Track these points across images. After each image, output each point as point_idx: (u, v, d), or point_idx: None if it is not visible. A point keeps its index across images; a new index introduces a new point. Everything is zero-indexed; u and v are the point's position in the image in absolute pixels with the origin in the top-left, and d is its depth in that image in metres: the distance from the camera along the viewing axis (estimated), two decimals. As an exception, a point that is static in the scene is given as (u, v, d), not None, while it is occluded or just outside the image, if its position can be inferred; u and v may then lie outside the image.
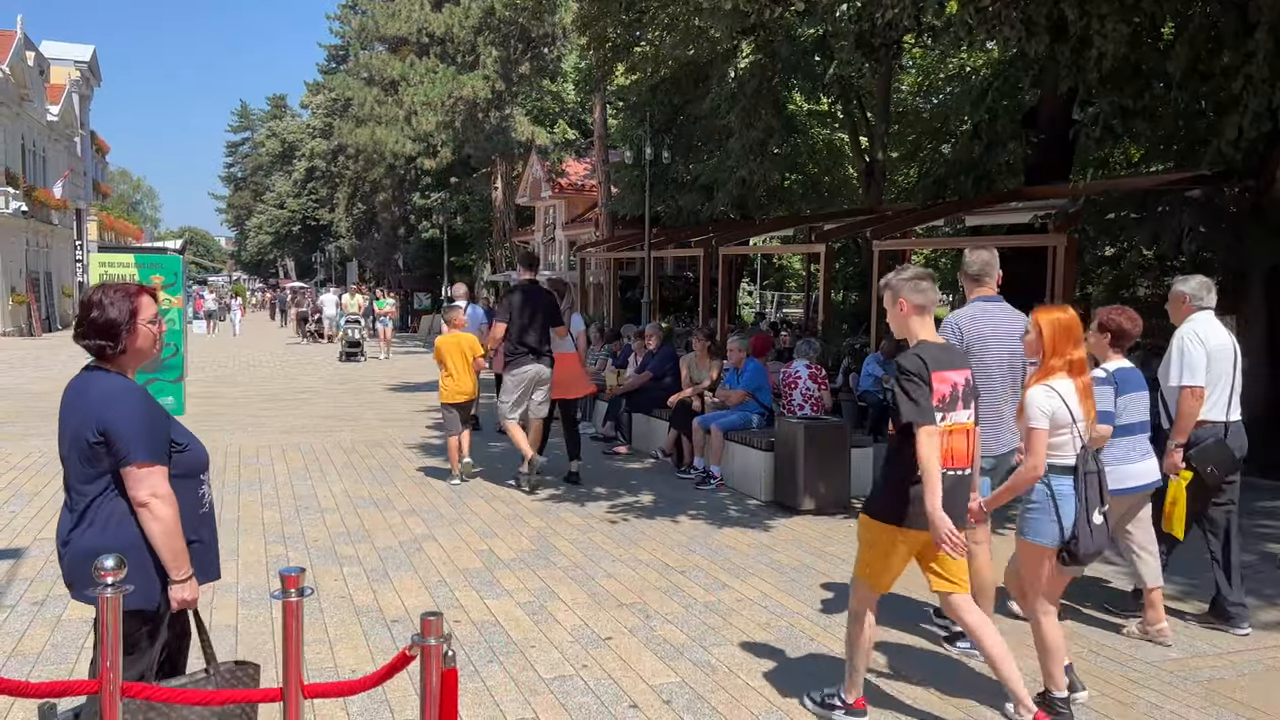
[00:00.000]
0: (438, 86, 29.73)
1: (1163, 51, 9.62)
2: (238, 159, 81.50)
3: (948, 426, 3.72)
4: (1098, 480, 3.87)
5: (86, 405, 2.91)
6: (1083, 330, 4.10)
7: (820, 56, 18.55)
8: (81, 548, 2.87)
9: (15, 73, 31.06)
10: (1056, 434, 3.84)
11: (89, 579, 2.66)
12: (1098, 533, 3.83)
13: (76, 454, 2.92)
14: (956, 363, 3.87)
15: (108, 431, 2.85)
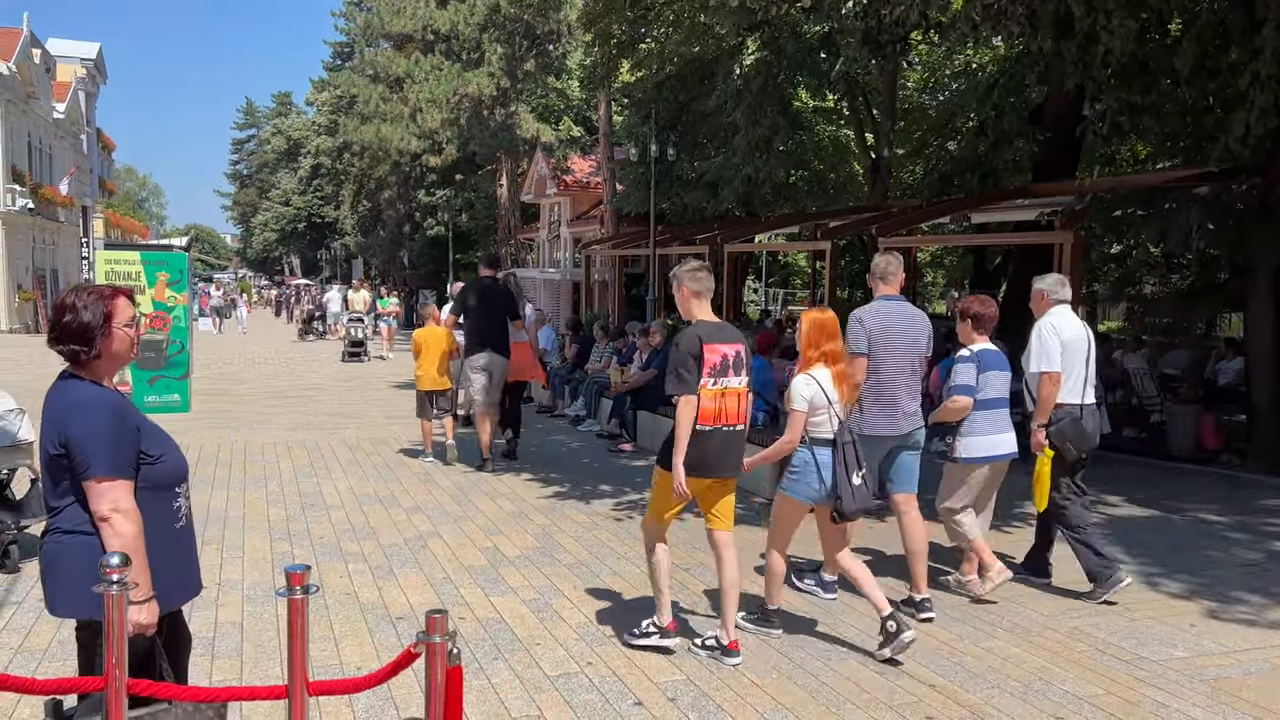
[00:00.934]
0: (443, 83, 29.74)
1: (1170, 48, 9.59)
2: (243, 156, 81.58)
3: (720, 389, 4.49)
4: (854, 449, 4.66)
5: (52, 416, 2.81)
6: (839, 328, 4.87)
7: (826, 53, 18.50)
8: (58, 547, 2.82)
9: (21, 70, 31.12)
10: (815, 414, 4.67)
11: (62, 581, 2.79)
12: (858, 493, 4.62)
13: (45, 463, 2.81)
14: (728, 338, 4.60)
15: (69, 443, 2.74)
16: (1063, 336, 5.55)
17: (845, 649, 4.72)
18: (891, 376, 5.25)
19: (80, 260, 38.52)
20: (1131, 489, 8.66)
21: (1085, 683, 4.33)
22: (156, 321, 12.64)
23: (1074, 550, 5.60)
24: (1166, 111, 10.29)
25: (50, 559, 2.85)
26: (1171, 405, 11.04)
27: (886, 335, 5.24)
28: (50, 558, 2.85)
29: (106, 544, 2.70)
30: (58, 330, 2.84)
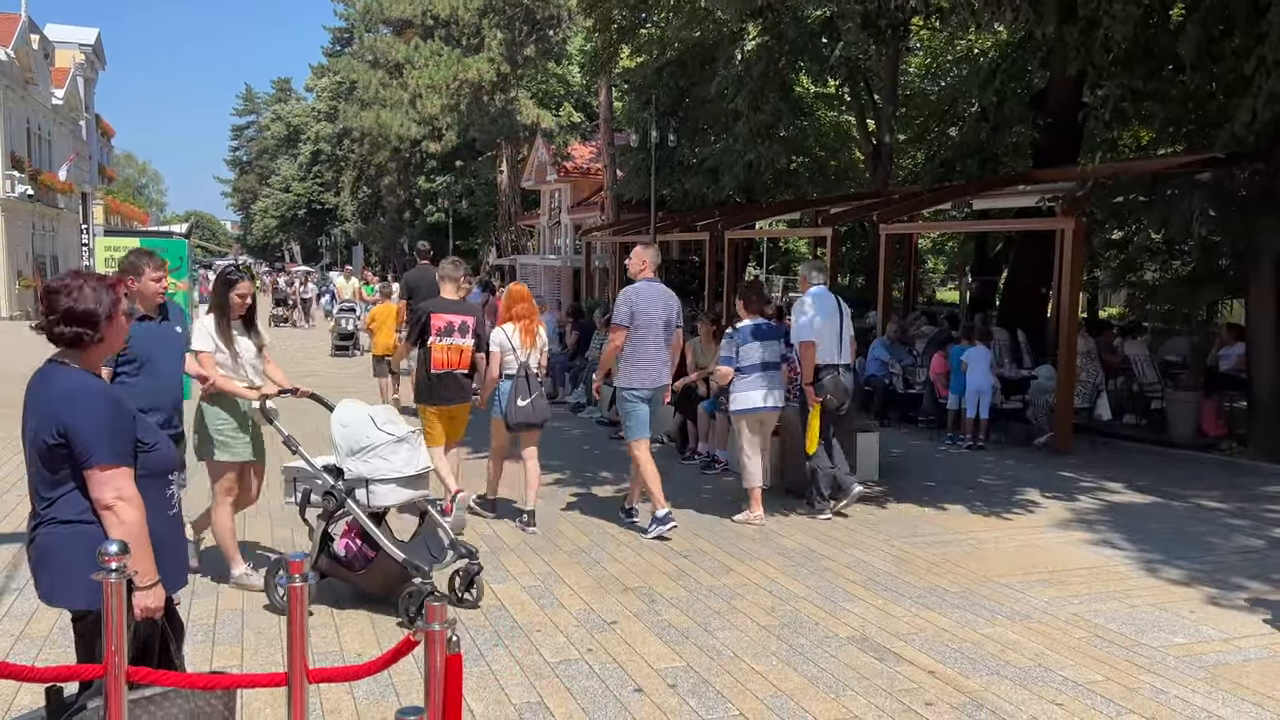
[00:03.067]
0: (442, 69, 29.64)
1: (1173, 33, 9.53)
2: (243, 142, 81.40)
3: (447, 345, 6.53)
4: (525, 381, 6.59)
5: (44, 405, 2.77)
6: (531, 299, 6.89)
7: (827, 39, 18.41)
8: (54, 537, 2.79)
9: (20, 56, 31.00)
10: (505, 356, 6.61)
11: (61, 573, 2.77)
12: (521, 411, 6.57)
13: (37, 456, 2.76)
14: (458, 310, 6.64)
15: (68, 433, 2.69)
16: (818, 310, 6.95)
17: (844, 636, 4.73)
18: (646, 342, 6.49)
19: (80, 247, 38.43)
20: (1132, 475, 8.66)
21: (1084, 669, 4.34)
22: (156, 308, 12.63)
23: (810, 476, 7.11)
24: (1169, 97, 10.24)
25: (46, 549, 2.81)
26: (1172, 392, 11.04)
27: (644, 311, 6.47)
28: (46, 548, 2.81)
29: (110, 531, 2.67)
30: (59, 313, 2.78)
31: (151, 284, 4.80)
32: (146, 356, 4.71)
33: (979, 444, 9.87)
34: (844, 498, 7.07)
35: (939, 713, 3.90)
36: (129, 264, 4.79)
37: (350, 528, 5.03)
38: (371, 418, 4.87)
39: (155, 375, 4.75)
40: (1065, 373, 10.00)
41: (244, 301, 5.16)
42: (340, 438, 4.83)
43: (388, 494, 4.82)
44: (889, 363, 11.64)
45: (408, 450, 4.85)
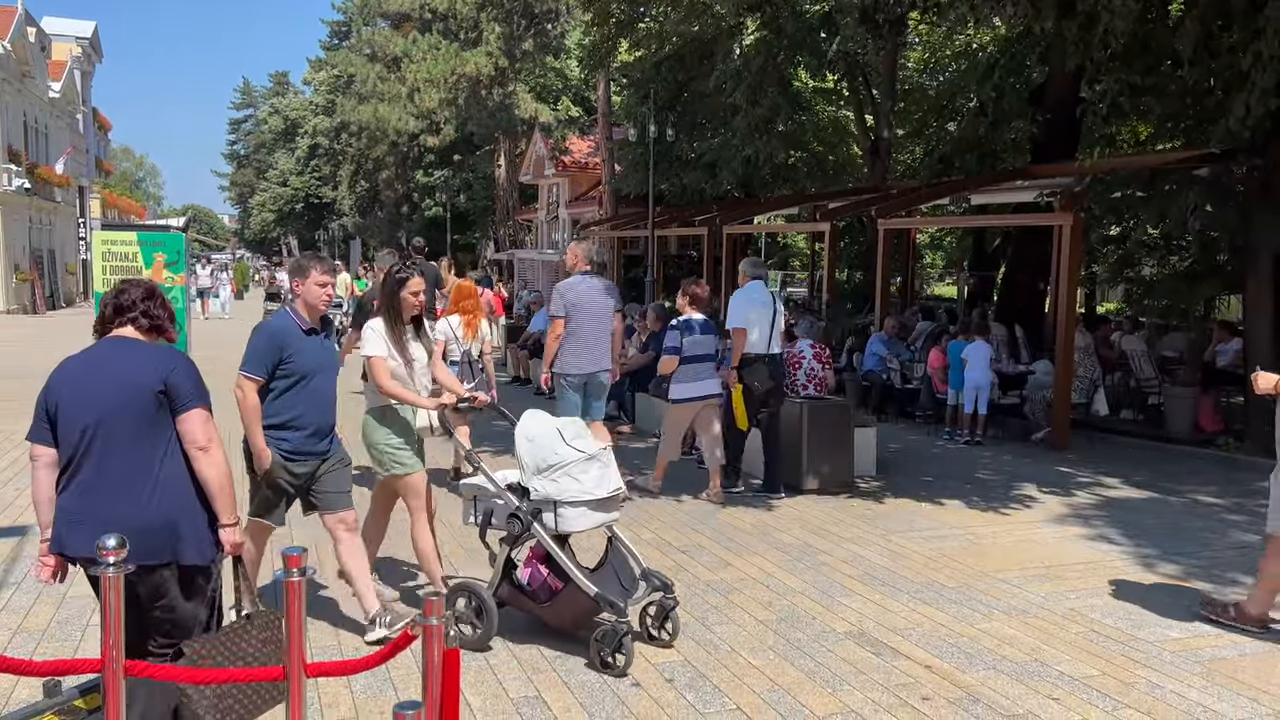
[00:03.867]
0: (440, 63, 29.58)
1: (1171, 28, 9.53)
2: (240, 136, 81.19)
3: None
4: (467, 367, 7.31)
5: (144, 361, 3.07)
6: (476, 295, 7.70)
7: (826, 33, 18.40)
8: (160, 516, 3.01)
9: (17, 49, 30.92)
10: (449, 345, 7.23)
11: (167, 538, 3.00)
12: None
13: (134, 409, 2.99)
14: None
15: (169, 382, 3.04)
16: (751, 302, 7.38)
17: (841, 631, 4.74)
18: (584, 332, 6.99)
19: (77, 240, 38.43)
20: (1129, 470, 8.67)
21: (1081, 663, 4.35)
22: (154, 302, 12.62)
23: None
24: (1167, 92, 10.24)
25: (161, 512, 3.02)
26: (1170, 387, 11.05)
27: (581, 302, 7.00)
28: (160, 512, 3.02)
29: (204, 474, 3.09)
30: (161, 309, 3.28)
31: (316, 289, 4.31)
32: (307, 371, 4.28)
33: (976, 439, 9.88)
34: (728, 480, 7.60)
35: (936, 707, 3.91)
36: (296, 265, 4.40)
37: (534, 554, 4.58)
38: (559, 431, 4.43)
39: (315, 391, 4.33)
40: (1063, 368, 10.01)
41: (417, 301, 4.74)
42: (526, 454, 4.37)
43: (577, 518, 4.35)
44: (887, 358, 11.64)
45: (599, 469, 4.38)
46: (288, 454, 4.28)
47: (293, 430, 4.28)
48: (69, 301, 36.37)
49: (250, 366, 4.19)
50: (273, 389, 4.23)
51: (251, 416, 4.19)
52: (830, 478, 7.68)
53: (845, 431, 7.87)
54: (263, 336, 4.24)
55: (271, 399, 4.23)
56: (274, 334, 4.24)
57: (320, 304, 4.34)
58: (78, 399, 3.04)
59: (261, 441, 4.21)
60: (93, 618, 4.72)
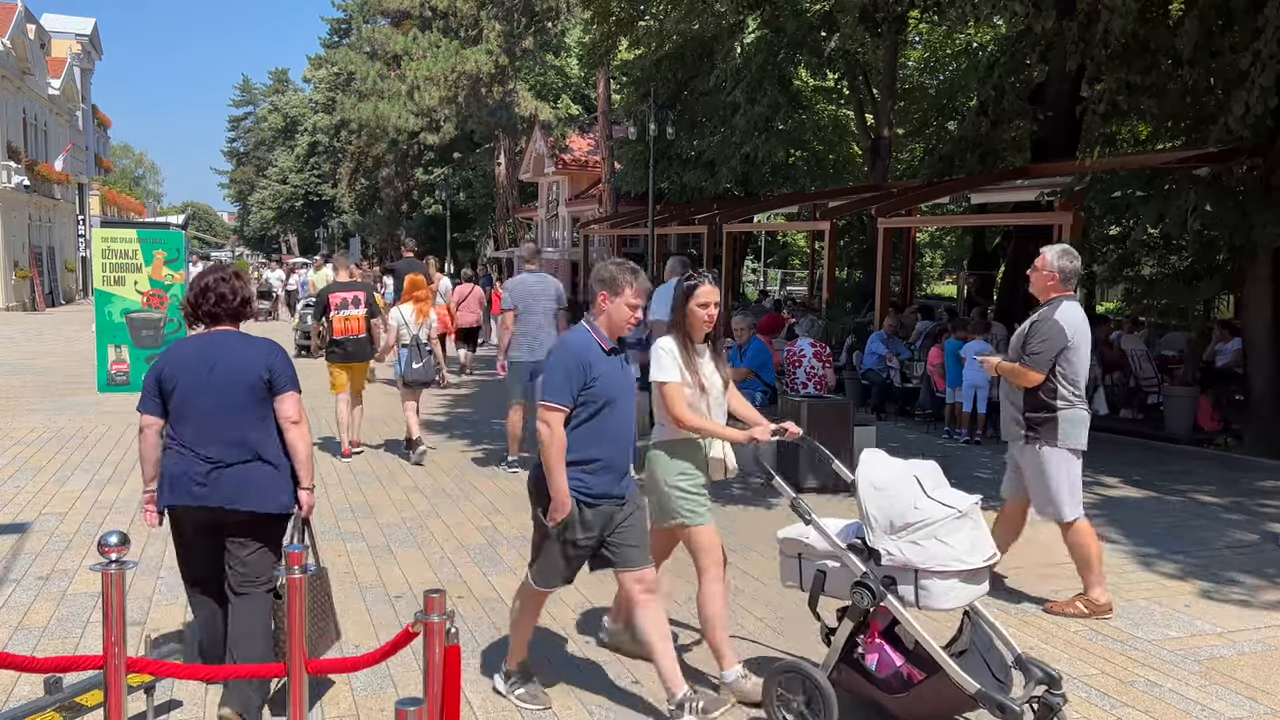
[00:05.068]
0: (440, 61, 29.56)
1: (1171, 28, 9.54)
2: (240, 133, 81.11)
3: (344, 316, 8.54)
4: (415, 349, 8.40)
5: (253, 353, 3.72)
6: (426, 286, 8.85)
7: (826, 32, 18.40)
8: (260, 467, 3.64)
9: (16, 46, 30.89)
10: (400, 330, 8.42)
11: (268, 487, 3.63)
12: (415, 371, 8.44)
13: (244, 391, 3.65)
14: (350, 289, 8.76)
15: (273, 369, 3.70)
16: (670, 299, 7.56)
17: (841, 628, 4.74)
18: (531, 322, 7.82)
19: (77, 238, 38.43)
20: (1128, 470, 8.68)
21: (1080, 662, 4.36)
22: (154, 300, 12.61)
23: None
24: (1167, 92, 10.24)
25: (262, 469, 3.65)
26: (1169, 387, 11.06)
27: (528, 296, 7.81)
28: (262, 468, 3.65)
29: (293, 445, 3.71)
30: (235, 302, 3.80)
31: (625, 310, 3.71)
32: (611, 397, 3.69)
33: (976, 439, 9.88)
34: None
35: (935, 705, 3.91)
36: (607, 275, 3.73)
37: (877, 629, 3.69)
38: (918, 480, 3.60)
39: (618, 421, 3.74)
40: (1062, 367, 10.01)
41: (709, 315, 3.97)
42: (874, 507, 3.55)
43: (945, 593, 3.44)
44: (887, 356, 11.65)
45: (970, 529, 3.48)
46: (588, 500, 3.65)
47: (593, 470, 3.65)
48: (68, 298, 36.37)
49: (555, 394, 3.58)
50: (570, 419, 3.63)
51: (559, 456, 3.56)
52: (830, 477, 7.68)
53: (845, 430, 7.87)
54: (566, 357, 3.66)
55: (567, 431, 3.61)
56: (578, 354, 3.65)
57: (626, 326, 3.75)
58: (197, 383, 3.64)
59: (565, 485, 3.58)
60: (93, 615, 4.73)
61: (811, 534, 3.76)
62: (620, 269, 3.73)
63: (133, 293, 12.53)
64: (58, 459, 8.31)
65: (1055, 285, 4.98)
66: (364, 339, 8.70)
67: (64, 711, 3.39)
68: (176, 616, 4.75)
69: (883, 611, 3.56)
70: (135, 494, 7.14)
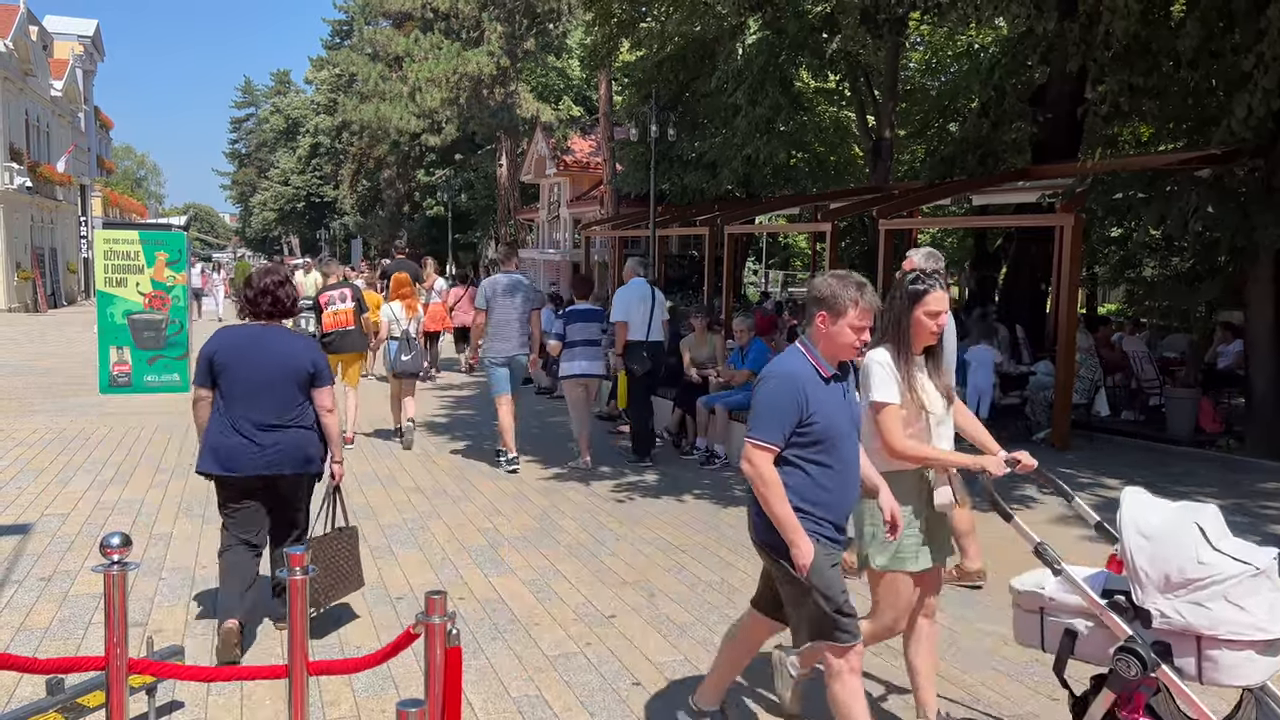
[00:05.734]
0: (442, 63, 29.58)
1: (1173, 29, 9.53)
2: (242, 135, 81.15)
3: (333, 311, 9.26)
4: (405, 342, 9.22)
5: (301, 350, 4.46)
6: (411, 284, 9.74)
7: (827, 33, 18.41)
8: (300, 437, 4.38)
9: (19, 47, 30.93)
10: (393, 325, 9.26)
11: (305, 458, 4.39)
12: (403, 363, 9.26)
13: (292, 381, 4.37)
14: (338, 288, 9.58)
15: (316, 364, 4.44)
16: (631, 297, 8.48)
17: (843, 630, 4.74)
18: (504, 321, 8.19)
19: (79, 239, 38.45)
20: (1129, 471, 8.67)
21: (1083, 666, 4.34)
22: (156, 301, 12.61)
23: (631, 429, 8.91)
24: (1169, 93, 10.23)
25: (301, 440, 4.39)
26: (1171, 388, 11.05)
27: (501, 296, 8.19)
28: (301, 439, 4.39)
29: (328, 426, 4.49)
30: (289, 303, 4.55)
31: (849, 333, 3.13)
32: (833, 434, 3.15)
33: (977, 440, 9.88)
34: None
35: (936, 707, 3.91)
36: (827, 293, 3.15)
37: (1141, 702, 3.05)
38: (1200, 528, 2.97)
39: (841, 461, 3.20)
40: (1064, 369, 10.01)
41: (939, 325, 3.48)
42: (1145, 558, 2.96)
43: (1238, 665, 2.84)
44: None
45: (1270, 590, 2.85)
46: (827, 543, 3.17)
47: (819, 513, 3.16)
48: (70, 300, 36.39)
49: (764, 430, 3.10)
50: (783, 459, 3.12)
51: (779, 496, 3.07)
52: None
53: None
54: (778, 387, 3.14)
55: (781, 473, 3.11)
56: (793, 384, 3.12)
57: (850, 351, 3.20)
58: (249, 366, 4.30)
59: (797, 522, 3.07)
60: (95, 616, 4.74)
61: (1051, 584, 3.21)
62: (843, 284, 3.15)
63: (134, 294, 12.54)
64: (60, 460, 8.31)
65: None
66: (353, 330, 9.34)
67: (66, 712, 3.40)
68: (178, 618, 4.76)
69: (1149, 682, 2.96)
70: (137, 495, 7.14)
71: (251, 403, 4.29)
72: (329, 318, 9.27)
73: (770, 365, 3.27)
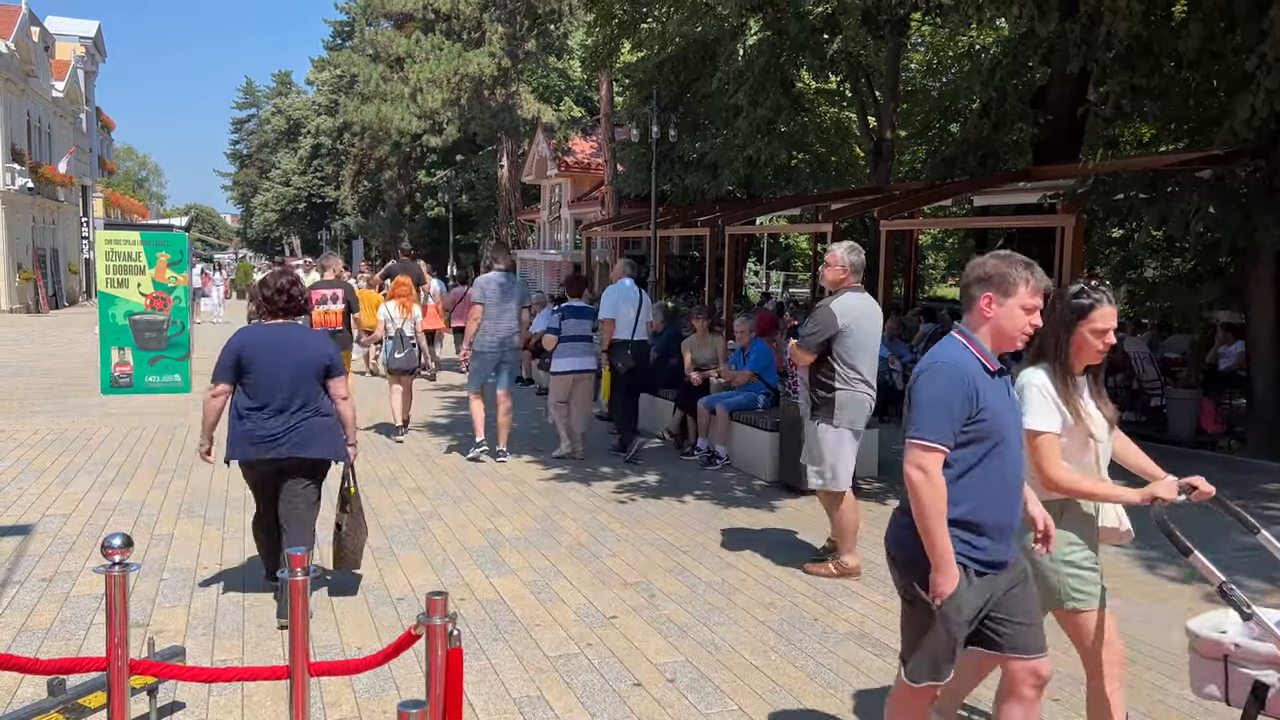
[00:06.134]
0: (443, 63, 29.61)
1: (1175, 30, 9.53)
2: (243, 136, 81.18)
3: (323, 309, 9.31)
4: (400, 341, 9.66)
5: (318, 344, 4.91)
6: (409, 284, 10.08)
7: (828, 34, 18.43)
8: (319, 423, 4.78)
9: (20, 49, 30.95)
10: (389, 323, 9.70)
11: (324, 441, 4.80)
12: (397, 360, 9.71)
13: (311, 373, 4.78)
14: (331, 287, 9.64)
15: (332, 358, 4.87)
16: (617, 298, 8.67)
17: (843, 632, 4.74)
18: (496, 318, 8.48)
19: (80, 240, 38.47)
20: (1130, 473, 8.67)
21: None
22: (157, 302, 12.62)
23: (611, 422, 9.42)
24: (1170, 94, 10.23)
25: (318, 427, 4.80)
26: (1172, 389, 11.04)
27: (494, 294, 8.48)
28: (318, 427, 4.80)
29: (342, 412, 4.91)
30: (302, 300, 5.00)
31: (1020, 314, 2.81)
32: (1000, 434, 2.80)
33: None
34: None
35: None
36: (993, 272, 2.83)
37: None
38: None
39: (1008, 465, 2.83)
40: (1065, 370, 10.01)
41: (1107, 344, 3.14)
42: None
43: None
44: (889, 359, 11.64)
45: None
46: (977, 566, 2.80)
47: (979, 529, 2.78)
48: (72, 301, 36.40)
49: (932, 429, 2.72)
50: (948, 462, 2.76)
51: (939, 510, 2.72)
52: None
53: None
54: (945, 381, 2.76)
55: (950, 479, 2.75)
56: (961, 374, 2.76)
57: (1019, 338, 2.86)
58: (275, 361, 4.72)
59: (949, 547, 2.72)
60: (97, 617, 4.74)
61: (1235, 628, 2.87)
62: (1009, 263, 2.83)
63: (136, 295, 12.54)
64: (61, 461, 8.32)
65: (845, 278, 5.58)
66: (341, 331, 9.55)
67: (67, 713, 3.40)
68: (180, 618, 4.76)
69: None
70: (138, 496, 7.15)
71: (274, 394, 4.69)
72: (318, 316, 9.40)
73: (929, 355, 2.87)
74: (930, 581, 2.74)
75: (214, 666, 4.13)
